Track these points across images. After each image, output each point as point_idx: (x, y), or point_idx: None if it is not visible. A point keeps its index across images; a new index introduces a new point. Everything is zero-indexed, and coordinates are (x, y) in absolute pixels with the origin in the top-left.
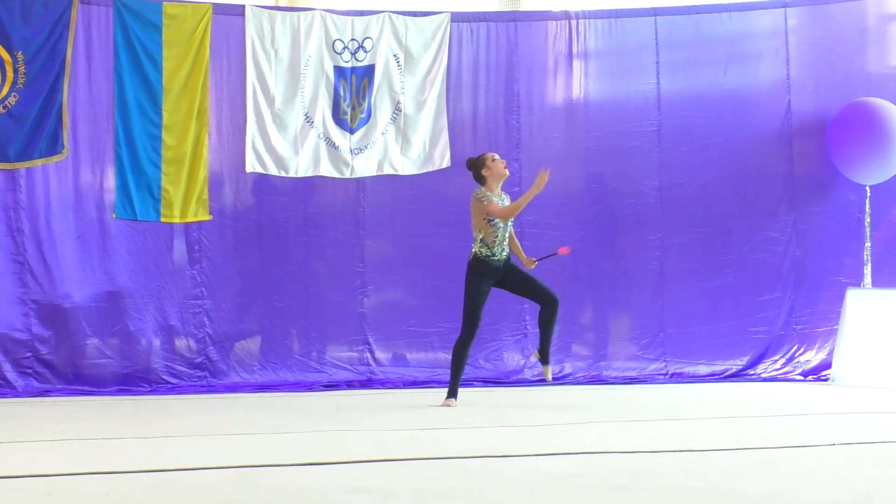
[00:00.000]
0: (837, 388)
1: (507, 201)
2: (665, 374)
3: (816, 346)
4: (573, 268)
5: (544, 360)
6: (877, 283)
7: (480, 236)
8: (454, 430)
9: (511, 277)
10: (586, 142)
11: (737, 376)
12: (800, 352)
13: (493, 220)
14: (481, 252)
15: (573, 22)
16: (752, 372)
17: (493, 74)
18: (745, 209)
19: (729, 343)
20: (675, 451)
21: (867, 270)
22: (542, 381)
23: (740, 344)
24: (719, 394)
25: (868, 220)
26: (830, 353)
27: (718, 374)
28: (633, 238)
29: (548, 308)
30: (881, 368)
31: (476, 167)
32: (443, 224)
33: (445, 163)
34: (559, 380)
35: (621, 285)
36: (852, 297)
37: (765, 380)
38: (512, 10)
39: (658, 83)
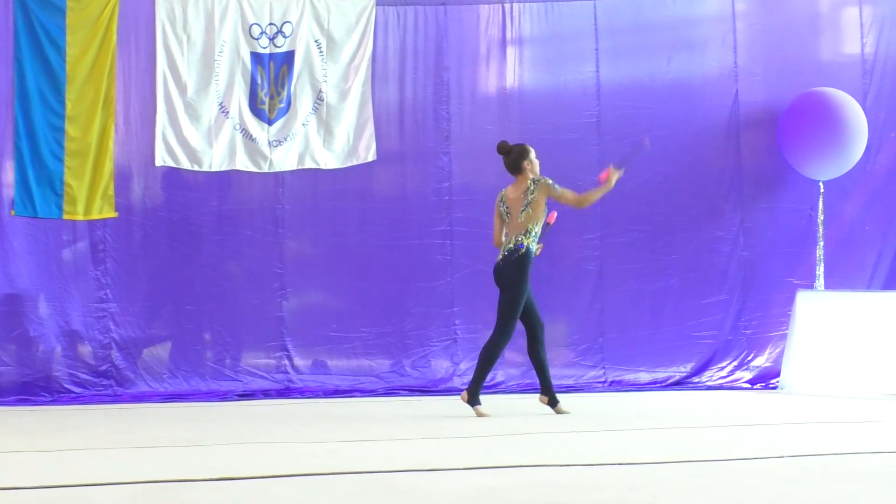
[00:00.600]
0: (787, 396)
1: None
2: (604, 382)
3: (766, 351)
4: None
5: (553, 400)
6: (829, 284)
7: (536, 229)
8: (377, 442)
9: None
10: (521, 134)
11: (680, 384)
12: (748, 358)
13: (546, 210)
14: (533, 247)
15: (507, 6)
16: (696, 380)
17: (422, 62)
18: (689, 206)
19: (672, 349)
20: (614, 464)
21: (819, 271)
22: None
23: (684, 350)
24: (661, 403)
25: (821, 217)
26: (780, 360)
27: (661, 382)
28: (571, 236)
29: (539, 334)
30: (833, 376)
31: (517, 155)
32: (368, 222)
33: (371, 156)
34: (489, 388)
35: (557, 287)
36: (803, 299)
37: (710, 388)
38: None
39: (597, 71)
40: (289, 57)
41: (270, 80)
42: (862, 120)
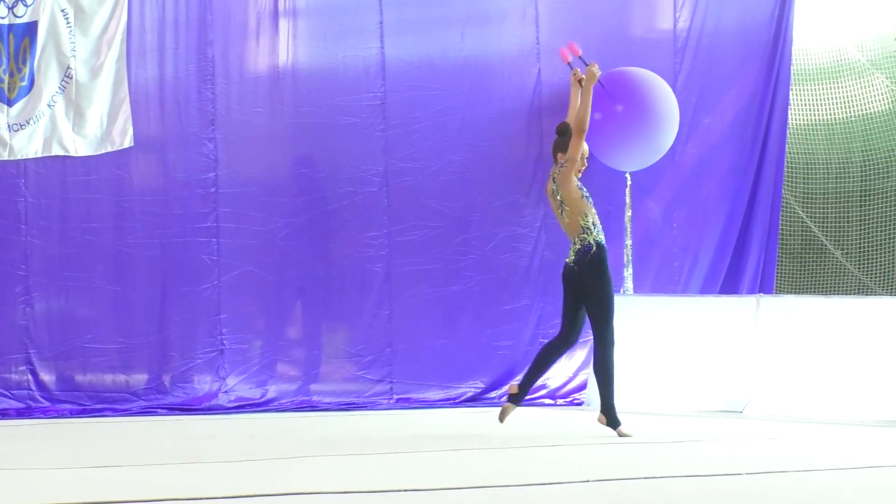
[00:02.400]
0: (592, 413)
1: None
2: (390, 399)
3: (570, 363)
4: (278, 270)
5: (518, 399)
6: (639, 288)
7: (591, 219)
8: (131, 467)
9: None
10: (294, 117)
11: (475, 401)
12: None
13: (588, 196)
14: (602, 239)
15: None
16: (493, 395)
17: (183, 36)
18: (487, 200)
19: (468, 361)
20: (397, 490)
21: (628, 273)
22: (240, 409)
23: (481, 362)
24: (454, 422)
25: (628, 213)
26: (585, 373)
27: (453, 399)
28: (353, 234)
29: (569, 344)
30: (643, 390)
31: (559, 144)
32: (126, 217)
33: (128, 142)
34: (260, 406)
35: (337, 291)
36: None
37: None
38: None
39: (382, 48)
40: (31, 28)
41: (10, 54)
42: (673, 104)
